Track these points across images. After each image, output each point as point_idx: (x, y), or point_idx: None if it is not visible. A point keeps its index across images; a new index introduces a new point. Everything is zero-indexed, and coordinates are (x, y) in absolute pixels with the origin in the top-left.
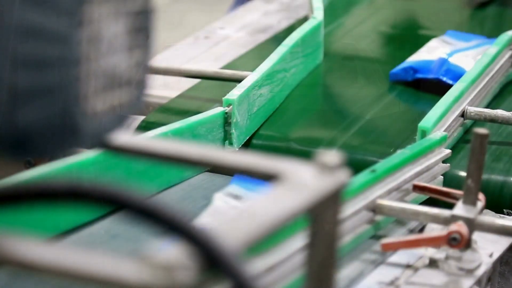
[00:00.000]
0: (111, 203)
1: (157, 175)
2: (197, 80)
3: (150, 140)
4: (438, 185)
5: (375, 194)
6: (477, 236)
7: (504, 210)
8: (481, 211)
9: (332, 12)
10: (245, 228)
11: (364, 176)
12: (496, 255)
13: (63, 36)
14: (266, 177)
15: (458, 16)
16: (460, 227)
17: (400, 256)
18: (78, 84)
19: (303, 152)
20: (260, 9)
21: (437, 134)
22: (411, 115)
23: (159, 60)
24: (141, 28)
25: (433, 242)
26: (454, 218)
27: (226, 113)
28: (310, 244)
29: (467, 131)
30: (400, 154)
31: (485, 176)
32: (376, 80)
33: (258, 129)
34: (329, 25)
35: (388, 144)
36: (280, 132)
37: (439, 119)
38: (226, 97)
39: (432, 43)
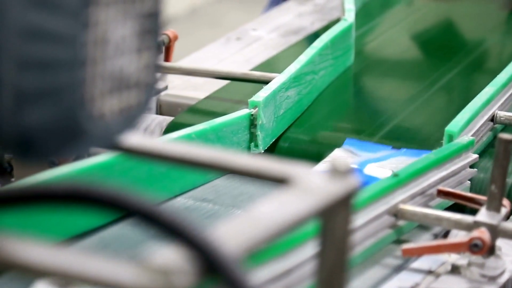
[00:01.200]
0: (111, 206)
1: (179, 177)
2: (226, 82)
3: (162, 142)
4: (465, 191)
5: (397, 198)
6: (502, 242)
7: None
8: (506, 217)
9: (366, 13)
10: (248, 233)
11: (386, 180)
12: None
13: (68, 37)
14: (277, 181)
15: (494, 19)
16: (482, 233)
17: (423, 262)
18: (84, 86)
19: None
20: (294, 10)
21: (464, 138)
22: (441, 118)
23: (190, 60)
24: (151, 30)
25: (455, 248)
26: (476, 224)
27: (252, 115)
28: (321, 250)
29: (496, 136)
30: (425, 158)
31: None
32: (407, 83)
33: (285, 131)
34: (362, 27)
35: (416, 148)
36: (307, 135)
37: (467, 123)
38: (252, 99)
39: (337, 153)
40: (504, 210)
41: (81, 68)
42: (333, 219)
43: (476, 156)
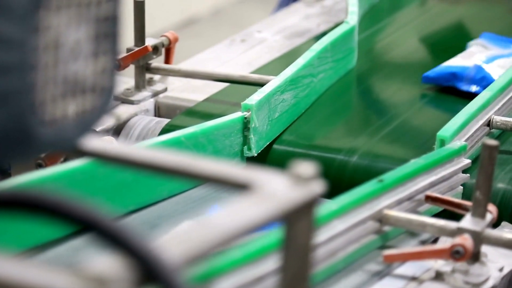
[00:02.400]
0: (52, 215)
1: (163, 182)
2: (226, 84)
3: (123, 147)
4: (457, 196)
5: (382, 204)
6: (489, 249)
7: None
8: (491, 224)
9: (373, 16)
10: (194, 241)
11: (370, 185)
12: (507, 269)
13: (17, 42)
14: (238, 187)
15: (503, 22)
16: (464, 240)
17: (407, 268)
18: (34, 91)
19: (323, 158)
20: (301, 12)
21: (456, 143)
22: (440, 123)
23: (193, 62)
24: (108, 34)
25: (436, 254)
26: (460, 231)
27: (245, 118)
28: (283, 258)
29: None
30: (413, 163)
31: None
32: (409, 86)
33: (281, 134)
34: (368, 29)
35: (412, 152)
36: (302, 138)
37: (460, 128)
38: (245, 102)
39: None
40: (489, 217)
41: (31, 72)
42: (295, 226)
43: (468, 161)
